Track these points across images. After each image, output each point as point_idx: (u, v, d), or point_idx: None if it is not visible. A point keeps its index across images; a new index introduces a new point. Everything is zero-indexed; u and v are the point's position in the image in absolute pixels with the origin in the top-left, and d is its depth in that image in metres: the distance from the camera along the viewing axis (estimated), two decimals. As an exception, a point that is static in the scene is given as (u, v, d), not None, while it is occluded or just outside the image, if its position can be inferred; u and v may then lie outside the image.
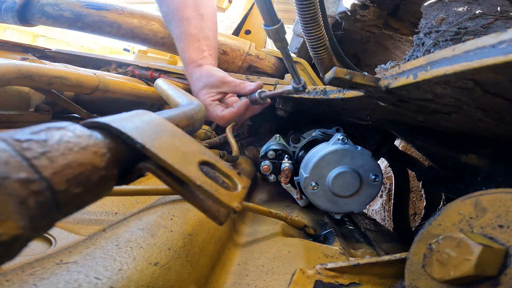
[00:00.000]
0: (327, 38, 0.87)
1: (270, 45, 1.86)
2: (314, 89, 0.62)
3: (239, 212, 0.57)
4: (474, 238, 0.25)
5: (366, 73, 0.36)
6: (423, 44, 0.76)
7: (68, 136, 0.19)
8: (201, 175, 0.22)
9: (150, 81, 1.03)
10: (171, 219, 0.40)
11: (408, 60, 0.81)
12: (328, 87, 0.58)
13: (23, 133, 0.17)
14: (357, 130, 0.78)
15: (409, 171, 0.97)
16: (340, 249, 0.50)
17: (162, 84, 0.67)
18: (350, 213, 0.78)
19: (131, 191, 0.46)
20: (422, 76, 0.28)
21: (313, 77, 1.15)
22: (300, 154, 0.75)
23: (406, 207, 0.95)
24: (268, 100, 0.76)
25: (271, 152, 0.74)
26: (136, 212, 0.44)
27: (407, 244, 0.66)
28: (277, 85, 0.91)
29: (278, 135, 0.80)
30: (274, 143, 0.80)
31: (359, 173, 0.60)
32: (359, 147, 0.60)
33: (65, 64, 0.80)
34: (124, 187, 0.45)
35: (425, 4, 0.79)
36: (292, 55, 1.40)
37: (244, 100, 0.73)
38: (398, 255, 0.35)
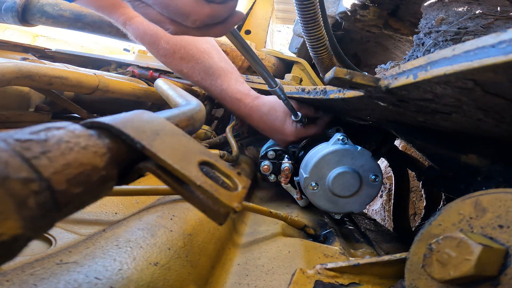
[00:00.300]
0: (327, 38, 0.87)
1: (270, 45, 1.86)
2: (314, 89, 0.62)
3: (239, 212, 0.57)
4: (474, 238, 0.25)
5: (366, 73, 0.36)
6: (423, 44, 0.76)
7: (68, 136, 0.19)
8: (201, 175, 0.22)
9: (150, 81, 1.03)
10: (171, 219, 0.40)
11: (408, 60, 0.81)
12: (328, 87, 0.58)
13: (23, 133, 0.17)
14: (357, 130, 0.78)
15: (409, 171, 0.97)
16: (340, 249, 0.50)
17: (162, 84, 0.67)
18: (350, 213, 0.78)
19: (131, 191, 0.46)
20: (422, 76, 0.28)
21: (313, 77, 1.15)
22: (300, 154, 0.75)
23: (406, 207, 0.95)
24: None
25: (271, 152, 0.74)
26: (136, 212, 0.44)
27: (407, 244, 0.66)
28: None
29: (278, 135, 0.80)
30: (274, 143, 0.80)
31: (359, 173, 0.60)
32: (359, 147, 0.60)
33: (65, 64, 0.80)
34: (124, 187, 0.45)
35: (425, 4, 0.79)
36: (292, 55, 1.40)
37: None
38: (398, 255, 0.35)
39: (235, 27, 0.46)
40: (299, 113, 0.71)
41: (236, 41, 0.49)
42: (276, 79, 0.61)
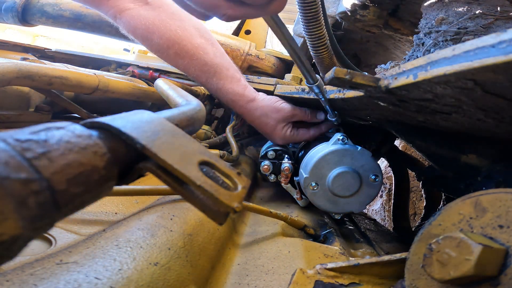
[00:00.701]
0: (328, 37, 0.87)
1: (270, 45, 1.86)
2: (319, 77, 0.62)
3: (239, 212, 0.57)
4: (474, 238, 0.25)
5: (366, 73, 0.36)
6: (423, 44, 0.76)
7: (68, 136, 0.19)
8: (201, 175, 0.22)
9: (150, 81, 1.03)
10: (171, 219, 0.40)
11: (408, 60, 0.81)
12: (328, 87, 0.58)
13: (23, 133, 0.17)
14: (357, 130, 0.78)
15: (409, 171, 0.97)
16: (340, 249, 0.50)
17: (162, 84, 0.67)
18: (350, 213, 0.78)
19: (131, 191, 0.46)
20: (422, 76, 0.28)
21: (313, 77, 1.15)
22: (300, 154, 0.75)
23: (406, 207, 0.95)
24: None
25: (271, 152, 0.73)
26: (136, 212, 0.44)
27: (407, 244, 0.66)
28: (277, 85, 0.91)
29: (278, 135, 0.80)
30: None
31: (359, 173, 0.60)
32: (359, 147, 0.60)
33: (65, 64, 0.80)
34: (124, 187, 0.45)
35: (425, 4, 0.79)
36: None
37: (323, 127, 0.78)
38: (398, 255, 0.35)
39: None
40: (336, 112, 0.70)
41: (276, 27, 0.44)
42: (316, 74, 0.57)
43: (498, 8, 0.65)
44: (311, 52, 0.91)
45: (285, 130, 0.77)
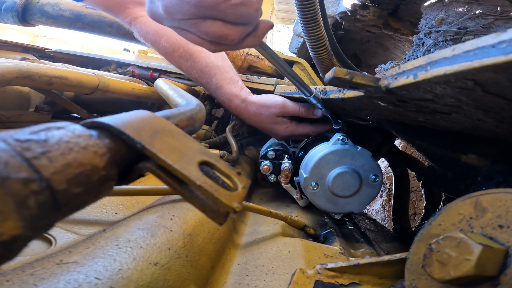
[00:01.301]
0: (327, 38, 0.87)
1: (270, 45, 1.85)
2: (314, 89, 0.62)
3: (239, 212, 0.57)
4: (474, 238, 0.25)
5: (366, 73, 0.36)
6: (423, 44, 0.76)
7: (68, 136, 0.19)
8: (201, 175, 0.22)
9: (150, 81, 1.03)
10: (171, 219, 0.40)
11: (408, 60, 0.81)
12: (328, 87, 0.58)
13: (23, 133, 0.17)
14: (357, 130, 0.78)
15: (409, 171, 0.97)
16: (340, 249, 0.50)
17: (162, 84, 0.67)
18: (350, 213, 0.78)
19: (131, 191, 0.46)
20: (422, 76, 0.28)
21: (313, 77, 1.15)
22: (300, 154, 0.75)
23: (406, 207, 0.95)
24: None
25: (271, 152, 0.73)
26: (136, 212, 0.44)
27: (407, 244, 0.66)
28: (278, 85, 0.91)
29: (278, 135, 0.80)
30: (274, 143, 0.80)
31: (359, 173, 0.60)
32: (359, 147, 0.60)
33: (65, 64, 0.80)
34: (124, 187, 0.45)
35: (425, 4, 0.79)
36: (292, 55, 1.40)
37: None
38: (398, 255, 0.35)
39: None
40: (339, 121, 0.71)
41: (265, 52, 0.53)
42: (311, 87, 0.63)
43: (498, 8, 0.65)
44: (310, 53, 0.91)
45: (282, 125, 0.79)
